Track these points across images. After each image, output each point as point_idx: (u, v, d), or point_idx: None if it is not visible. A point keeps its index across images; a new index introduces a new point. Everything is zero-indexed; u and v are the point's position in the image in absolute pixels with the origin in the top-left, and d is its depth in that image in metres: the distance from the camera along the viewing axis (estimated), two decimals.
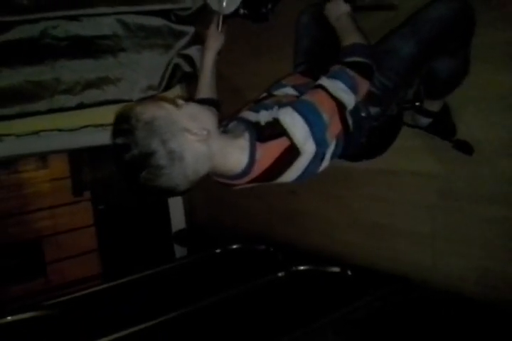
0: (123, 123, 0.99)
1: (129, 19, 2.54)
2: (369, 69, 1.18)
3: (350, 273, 2.07)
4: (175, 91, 2.90)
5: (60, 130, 2.62)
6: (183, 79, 2.84)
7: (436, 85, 1.48)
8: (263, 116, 1.16)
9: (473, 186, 1.69)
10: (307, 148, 1.07)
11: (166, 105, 1.05)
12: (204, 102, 1.39)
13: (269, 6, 1.80)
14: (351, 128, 1.24)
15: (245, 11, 1.66)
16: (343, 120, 1.14)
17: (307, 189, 2.36)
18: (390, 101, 1.32)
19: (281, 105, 1.14)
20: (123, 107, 1.05)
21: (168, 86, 2.76)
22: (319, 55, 1.52)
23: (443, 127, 1.68)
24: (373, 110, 1.29)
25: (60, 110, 2.51)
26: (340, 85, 1.12)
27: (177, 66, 2.75)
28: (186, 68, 2.76)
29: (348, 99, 1.12)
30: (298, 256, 2.34)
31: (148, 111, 1.00)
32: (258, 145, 1.09)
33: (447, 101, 1.64)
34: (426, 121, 1.67)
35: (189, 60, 2.75)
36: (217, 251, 2.65)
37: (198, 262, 2.68)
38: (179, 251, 3.30)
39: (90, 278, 3.67)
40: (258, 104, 1.26)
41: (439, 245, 1.83)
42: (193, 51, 2.74)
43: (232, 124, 1.23)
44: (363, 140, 1.34)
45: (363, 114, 1.27)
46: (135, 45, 2.61)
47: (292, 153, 1.07)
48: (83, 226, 3.83)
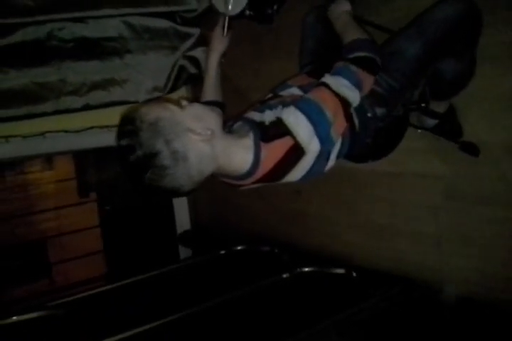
0: (127, 125, 1.00)
1: (134, 21, 2.54)
2: (373, 63, 1.17)
3: (355, 275, 2.06)
4: (180, 93, 2.91)
5: (65, 131, 2.63)
6: (189, 81, 2.84)
7: (442, 86, 1.47)
8: (268, 116, 1.16)
9: (478, 187, 1.69)
10: (312, 147, 1.07)
11: (171, 106, 1.05)
12: (209, 104, 1.39)
13: (275, 7, 1.80)
14: (357, 127, 1.24)
15: (251, 13, 1.65)
16: (348, 117, 1.14)
17: (312, 190, 2.36)
18: (396, 102, 1.32)
19: (285, 104, 1.14)
20: (128, 109, 1.06)
21: (174, 87, 2.76)
22: (325, 56, 1.52)
23: (449, 128, 1.68)
24: (379, 111, 1.28)
25: (66, 111, 2.51)
26: (344, 82, 1.11)
27: (182, 68, 2.75)
28: (192, 70, 2.76)
29: (352, 95, 1.12)
30: (303, 257, 2.33)
31: (153, 113, 1.01)
32: (263, 145, 1.09)
33: (453, 103, 1.64)
34: (432, 122, 1.67)
35: (195, 61, 2.76)
36: (222, 252, 2.65)
37: (202, 263, 2.68)
38: (184, 252, 3.30)
39: (95, 279, 3.67)
40: (263, 105, 1.27)
41: (444, 246, 1.83)
42: (199, 53, 2.74)
43: (237, 124, 1.24)
44: (368, 140, 1.35)
45: (369, 115, 1.27)
46: (141, 46, 2.61)
47: (297, 152, 1.07)
48: (88, 227, 3.83)
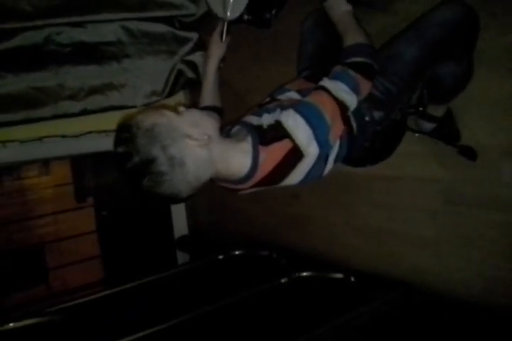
0: (124, 132, 1.00)
1: (133, 25, 2.55)
2: (371, 70, 1.17)
3: (353, 280, 2.06)
4: (178, 98, 2.91)
5: (63, 136, 2.63)
6: (187, 85, 2.85)
7: (440, 90, 1.47)
8: (266, 120, 1.16)
9: (477, 191, 1.69)
10: (310, 150, 1.07)
11: (167, 112, 1.06)
12: (207, 109, 1.40)
13: (273, 11, 1.81)
14: (355, 131, 1.24)
15: (249, 17, 1.66)
16: (346, 121, 1.14)
17: (310, 194, 2.36)
18: (394, 105, 1.32)
19: (284, 108, 1.14)
20: (124, 117, 1.06)
21: (172, 92, 2.77)
22: (323, 60, 1.52)
23: (447, 132, 1.68)
24: (377, 114, 1.28)
25: (64, 116, 2.51)
26: (342, 86, 1.11)
27: (181, 72, 2.76)
28: (190, 74, 2.77)
29: (350, 99, 1.12)
30: (301, 262, 2.32)
31: (149, 119, 1.01)
32: (261, 148, 1.09)
33: (451, 106, 1.64)
34: (429, 126, 1.67)
35: (193, 66, 2.76)
36: (220, 257, 2.64)
37: (200, 268, 2.68)
38: (181, 257, 3.29)
39: (93, 284, 3.65)
40: (261, 108, 1.26)
41: (443, 250, 1.83)
42: (197, 57, 2.75)
43: (234, 129, 1.24)
44: (366, 144, 1.35)
45: (367, 118, 1.27)
46: (139, 51, 2.62)
47: (295, 155, 1.07)
48: (86, 232, 3.82)
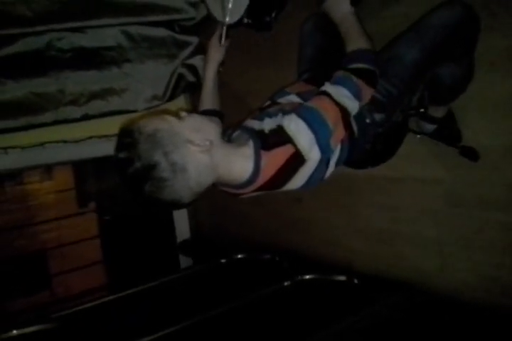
0: (126, 137, 1.00)
1: (133, 30, 2.55)
2: (373, 76, 1.17)
3: (356, 282, 2.05)
4: (179, 101, 2.92)
5: (65, 141, 2.63)
6: (187, 89, 2.85)
7: (441, 91, 1.47)
8: (267, 124, 1.15)
9: (478, 192, 1.69)
10: (312, 155, 1.07)
11: (169, 117, 1.05)
12: (207, 113, 1.39)
13: (273, 15, 1.82)
14: (356, 134, 1.24)
15: (249, 21, 1.66)
16: (347, 126, 1.14)
17: (312, 197, 2.35)
18: (395, 107, 1.32)
19: (285, 112, 1.14)
20: (126, 122, 1.06)
21: (173, 96, 2.77)
22: (323, 63, 1.52)
23: (448, 133, 1.68)
24: (378, 116, 1.28)
25: (65, 121, 2.51)
26: (345, 92, 1.11)
27: (181, 76, 2.76)
28: (190, 78, 2.77)
29: (351, 105, 1.12)
30: (304, 265, 2.32)
31: (151, 124, 1.01)
32: (263, 153, 1.09)
33: (452, 107, 1.64)
34: (431, 127, 1.67)
35: (193, 69, 2.77)
36: (223, 261, 2.63)
37: (203, 272, 2.67)
38: (184, 261, 3.28)
39: (95, 289, 3.65)
40: (262, 112, 1.26)
41: (445, 251, 1.82)
42: (197, 61, 2.76)
43: (236, 133, 1.23)
44: (367, 146, 1.34)
45: (368, 121, 1.27)
46: (139, 55, 2.62)
47: (297, 160, 1.07)
48: (88, 237, 3.82)
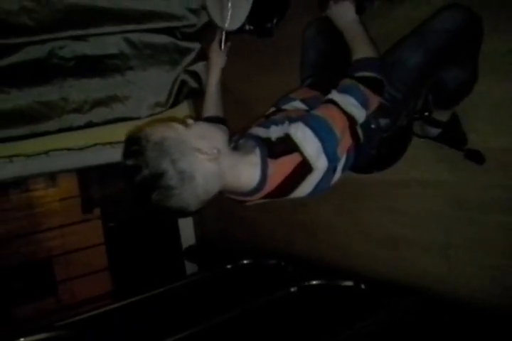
0: (133, 145, 1.00)
1: (135, 37, 2.56)
2: (380, 85, 1.17)
3: (363, 287, 2.04)
4: (182, 108, 2.92)
5: (69, 149, 2.64)
6: (190, 95, 2.86)
7: (445, 95, 1.47)
8: (273, 132, 1.15)
9: (484, 195, 1.67)
10: (319, 164, 1.06)
11: (175, 125, 1.05)
12: (211, 120, 1.39)
13: (274, 21, 1.82)
14: (362, 139, 1.23)
15: (251, 27, 1.66)
16: (354, 134, 1.14)
17: (318, 202, 2.34)
18: (400, 112, 1.31)
19: (292, 120, 1.13)
20: (133, 129, 1.06)
21: (176, 102, 2.77)
22: (326, 68, 1.52)
23: (452, 137, 1.67)
24: (383, 122, 1.28)
25: (69, 129, 2.52)
26: (352, 100, 1.11)
27: (184, 82, 2.77)
28: (193, 84, 2.78)
29: (358, 114, 1.12)
30: (310, 270, 2.31)
31: (158, 132, 1.01)
32: (269, 161, 1.08)
33: (456, 110, 1.63)
34: (435, 131, 1.66)
35: (195, 76, 2.77)
36: (228, 266, 2.62)
37: (209, 278, 2.66)
38: (190, 267, 3.28)
39: (101, 296, 3.65)
40: (267, 120, 1.26)
41: (453, 255, 1.80)
42: (199, 67, 2.76)
43: (242, 141, 1.23)
44: (373, 151, 1.34)
45: (373, 126, 1.27)
46: (142, 62, 2.63)
47: (304, 168, 1.06)
48: (93, 244, 3.82)
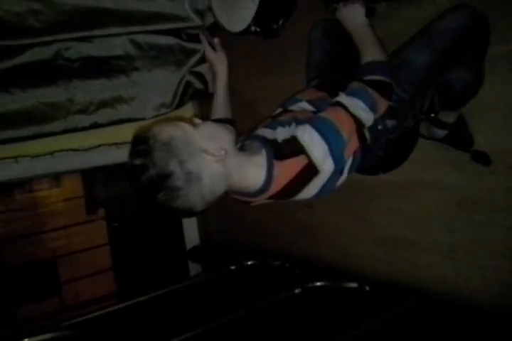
0: (140, 144, 0.99)
1: (140, 39, 2.56)
2: (389, 89, 1.17)
3: (368, 289, 2.04)
4: (187, 108, 2.92)
5: (74, 150, 2.64)
6: (195, 96, 2.85)
7: (451, 96, 1.47)
8: (280, 134, 1.15)
9: (491, 196, 1.67)
10: (325, 167, 1.06)
11: (183, 125, 1.05)
12: (220, 122, 1.39)
13: (280, 22, 1.82)
14: (368, 141, 1.23)
15: (256, 28, 1.66)
16: (362, 137, 1.13)
17: (323, 203, 2.33)
18: (406, 113, 1.31)
19: (299, 122, 1.13)
20: (140, 129, 1.06)
21: (181, 103, 2.77)
22: (332, 69, 1.52)
23: (459, 138, 1.66)
24: (390, 123, 1.28)
25: (74, 130, 2.51)
26: (360, 104, 1.11)
27: (189, 83, 2.76)
28: (198, 85, 2.77)
29: (367, 117, 1.12)
30: (314, 272, 2.30)
31: (165, 132, 1.01)
32: (276, 162, 1.08)
33: (463, 112, 1.62)
34: (442, 132, 1.66)
35: (200, 77, 2.77)
36: (232, 267, 2.62)
37: (213, 279, 2.66)
38: (194, 267, 3.28)
39: (105, 297, 3.65)
40: (274, 121, 1.26)
41: (458, 257, 1.80)
42: (204, 68, 2.75)
43: (248, 141, 1.23)
44: (379, 153, 1.34)
45: (380, 127, 1.27)
46: (147, 63, 2.62)
47: (310, 171, 1.06)
48: (97, 245, 3.82)
